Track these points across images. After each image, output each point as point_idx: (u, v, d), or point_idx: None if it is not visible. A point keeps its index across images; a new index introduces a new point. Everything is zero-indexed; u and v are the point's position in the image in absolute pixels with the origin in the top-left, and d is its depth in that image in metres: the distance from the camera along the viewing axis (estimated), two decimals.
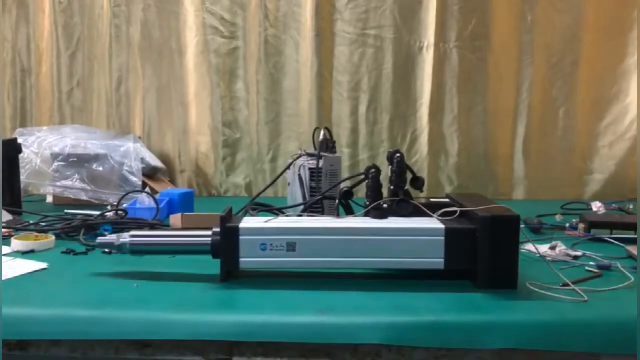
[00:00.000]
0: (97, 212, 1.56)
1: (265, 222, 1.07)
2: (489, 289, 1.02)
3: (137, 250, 1.09)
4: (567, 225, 1.49)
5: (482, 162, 2.05)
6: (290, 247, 1.05)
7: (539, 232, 1.46)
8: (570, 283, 1.05)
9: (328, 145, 1.55)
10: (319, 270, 1.08)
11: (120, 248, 1.08)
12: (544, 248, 1.29)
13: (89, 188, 1.69)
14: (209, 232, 1.08)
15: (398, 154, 1.19)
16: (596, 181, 2.03)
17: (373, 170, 1.20)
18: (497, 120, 2.03)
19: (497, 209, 1.06)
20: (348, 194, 1.24)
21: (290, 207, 1.47)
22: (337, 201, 1.26)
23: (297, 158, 1.58)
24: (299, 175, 1.52)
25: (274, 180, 1.62)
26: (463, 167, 2.05)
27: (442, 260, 1.05)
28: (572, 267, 1.17)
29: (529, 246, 1.30)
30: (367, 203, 1.18)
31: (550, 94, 2.01)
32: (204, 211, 1.72)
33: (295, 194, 1.56)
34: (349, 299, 0.97)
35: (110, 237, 1.10)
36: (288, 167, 1.60)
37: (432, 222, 1.07)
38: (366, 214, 1.13)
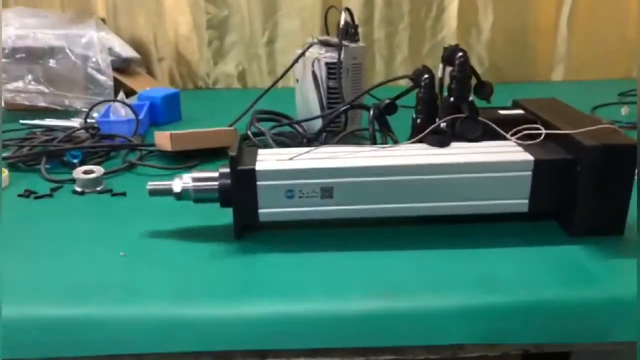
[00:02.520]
0: (62, 122, 1.26)
1: (291, 159, 0.79)
2: (587, 236, 0.78)
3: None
4: None
5: (519, 38, 1.73)
6: (326, 193, 0.78)
7: None
8: None
9: (349, 31, 1.21)
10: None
11: (182, 196, 0.81)
12: None
13: (47, 91, 1.35)
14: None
15: (461, 53, 0.88)
16: None
17: (427, 76, 0.89)
18: None
19: (602, 133, 0.78)
20: (391, 107, 0.95)
21: (308, 119, 1.16)
22: (371, 114, 0.97)
23: (308, 48, 1.25)
24: (313, 72, 1.20)
25: (278, 80, 1.28)
26: (497, 45, 1.73)
27: (527, 201, 0.79)
28: None
29: None
30: (419, 121, 0.90)
31: None
32: (193, 111, 1.43)
33: (306, 95, 1.25)
34: (413, 264, 0.72)
35: (165, 183, 0.81)
36: (297, 61, 1.27)
37: (514, 152, 0.80)
38: (420, 140, 0.85)
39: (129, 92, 1.45)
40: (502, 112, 0.93)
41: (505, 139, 0.84)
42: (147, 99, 1.30)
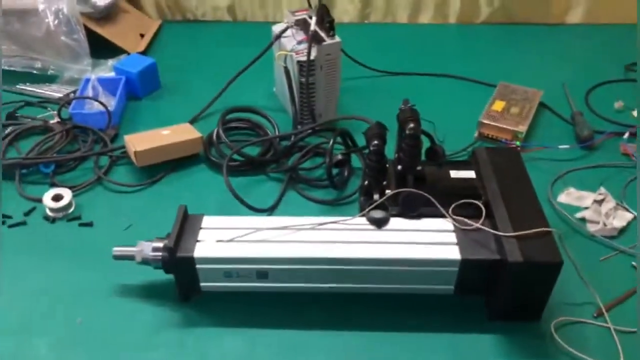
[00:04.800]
0: (43, 91, 1.29)
1: (230, 241, 0.83)
2: (505, 320, 0.84)
3: None
4: (627, 135, 1.17)
5: None
6: (262, 275, 0.84)
7: (591, 148, 1.15)
8: (604, 312, 0.85)
9: (324, 24, 1.13)
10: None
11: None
12: (586, 200, 1.04)
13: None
14: (160, 244, 0.85)
15: (412, 125, 0.85)
16: None
17: (376, 142, 0.87)
18: None
19: (536, 240, 0.79)
20: (342, 163, 0.94)
21: (277, 137, 1.14)
22: (327, 168, 0.98)
23: (283, 31, 1.18)
24: (285, 67, 1.15)
25: (253, 62, 1.23)
26: None
27: (452, 287, 0.84)
28: (619, 255, 0.94)
29: (567, 197, 1.05)
30: (366, 182, 0.90)
31: None
32: (175, 71, 1.41)
33: (282, 78, 1.22)
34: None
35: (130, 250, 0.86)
36: (271, 45, 1.21)
37: (445, 243, 0.82)
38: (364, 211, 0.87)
39: (112, 47, 1.42)
40: (453, 173, 0.92)
41: (444, 216, 0.85)
42: (123, 73, 1.29)
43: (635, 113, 1.24)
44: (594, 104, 1.28)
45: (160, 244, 0.84)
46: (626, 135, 1.16)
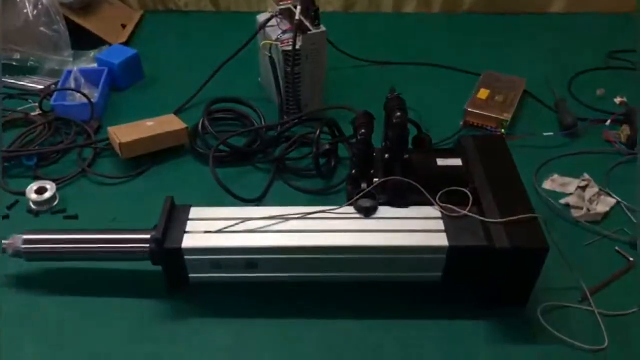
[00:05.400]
0: (24, 82, 1.27)
1: (218, 231, 0.83)
2: (492, 307, 0.85)
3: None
4: (608, 122, 1.18)
5: None
6: (250, 265, 0.83)
7: (573, 136, 1.17)
8: (589, 296, 0.86)
9: (309, 13, 1.12)
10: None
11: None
12: (570, 186, 1.05)
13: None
14: (147, 236, 0.84)
15: (399, 113, 0.85)
16: None
17: (363, 131, 0.87)
18: None
19: (522, 225, 0.80)
20: (328, 153, 0.94)
21: (262, 127, 1.13)
22: (314, 157, 0.98)
23: (268, 20, 1.17)
24: (270, 57, 1.15)
25: (238, 51, 1.22)
26: None
27: (441, 274, 0.85)
28: (603, 239, 0.96)
29: (551, 183, 1.06)
30: (353, 171, 0.90)
31: None
32: (158, 61, 1.39)
33: (267, 68, 1.21)
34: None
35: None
36: (255, 34, 1.20)
37: (433, 230, 0.82)
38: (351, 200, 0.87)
39: (93, 39, 1.40)
40: (439, 161, 0.92)
41: (431, 203, 0.86)
42: (106, 64, 1.27)
43: (617, 100, 1.26)
44: (577, 91, 1.30)
45: (30, 236, 0.85)
46: (608, 122, 1.18)
